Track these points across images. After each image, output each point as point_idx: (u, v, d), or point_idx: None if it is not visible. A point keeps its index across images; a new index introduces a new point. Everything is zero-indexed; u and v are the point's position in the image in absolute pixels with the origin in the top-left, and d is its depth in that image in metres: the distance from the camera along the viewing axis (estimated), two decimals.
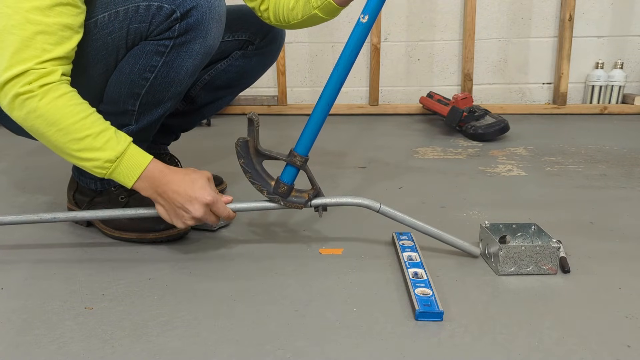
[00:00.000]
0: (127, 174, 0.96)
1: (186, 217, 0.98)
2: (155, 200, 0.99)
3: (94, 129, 0.92)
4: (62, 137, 0.91)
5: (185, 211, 0.97)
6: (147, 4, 0.96)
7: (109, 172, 0.94)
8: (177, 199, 0.97)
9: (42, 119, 0.90)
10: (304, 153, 1.02)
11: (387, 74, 2.62)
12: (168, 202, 0.98)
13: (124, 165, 0.95)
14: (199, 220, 0.99)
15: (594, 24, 2.53)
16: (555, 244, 0.97)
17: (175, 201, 0.97)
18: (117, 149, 0.94)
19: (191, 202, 0.97)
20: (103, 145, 0.93)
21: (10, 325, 0.84)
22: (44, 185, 1.51)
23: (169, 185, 0.97)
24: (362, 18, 0.98)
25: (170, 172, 0.98)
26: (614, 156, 1.79)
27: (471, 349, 0.77)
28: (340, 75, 1.00)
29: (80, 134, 0.91)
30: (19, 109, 0.90)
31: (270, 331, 0.82)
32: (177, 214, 0.98)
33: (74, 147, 0.92)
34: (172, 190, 0.97)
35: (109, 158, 0.93)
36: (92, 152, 0.92)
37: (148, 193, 0.98)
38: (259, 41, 1.31)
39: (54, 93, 0.89)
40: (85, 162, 0.94)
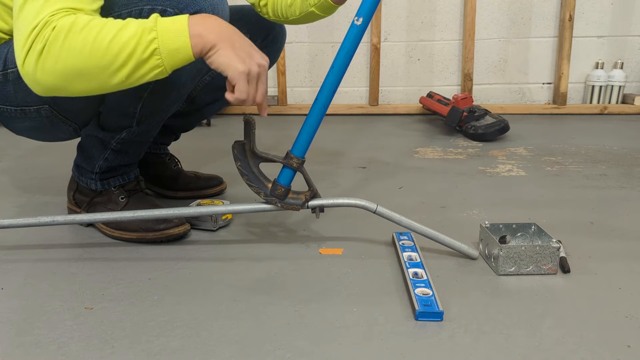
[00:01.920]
0: (176, 29, 0.84)
1: (253, 59, 0.88)
2: (218, 44, 0.86)
3: (121, 23, 0.83)
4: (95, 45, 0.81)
5: (251, 55, 0.88)
6: (150, 8, 0.96)
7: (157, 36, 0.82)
8: (241, 41, 0.88)
9: (70, 48, 0.81)
10: (300, 155, 1.03)
11: (387, 74, 2.62)
12: (232, 42, 0.87)
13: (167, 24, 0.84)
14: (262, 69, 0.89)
15: (594, 24, 2.54)
16: (555, 244, 0.97)
17: (239, 43, 0.88)
18: (149, 19, 0.84)
19: (255, 49, 0.90)
20: (136, 26, 0.83)
21: (10, 325, 0.84)
22: (44, 185, 1.51)
23: (228, 26, 0.88)
24: (356, 20, 0.98)
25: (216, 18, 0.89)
26: (614, 156, 1.79)
27: (471, 349, 0.77)
28: (336, 78, 1.00)
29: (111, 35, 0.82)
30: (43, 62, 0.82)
31: (270, 331, 0.82)
32: (242, 53, 0.87)
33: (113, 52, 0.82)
34: (234, 31, 0.88)
35: (148, 26, 0.83)
36: (132, 40, 0.82)
37: (214, 36, 0.85)
38: (260, 42, 1.31)
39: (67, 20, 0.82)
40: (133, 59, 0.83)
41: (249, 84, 0.88)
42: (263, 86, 0.91)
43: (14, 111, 1.08)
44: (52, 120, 1.09)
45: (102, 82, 0.85)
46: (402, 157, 1.82)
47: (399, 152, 1.88)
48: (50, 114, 1.08)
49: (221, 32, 0.87)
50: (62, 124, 1.11)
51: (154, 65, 0.84)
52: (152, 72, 0.85)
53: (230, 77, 0.88)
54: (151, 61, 0.84)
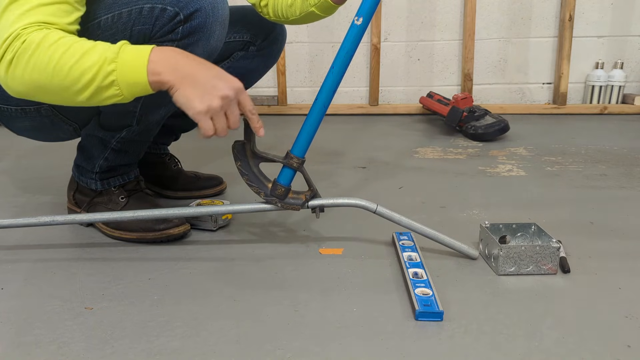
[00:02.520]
0: (135, 64, 0.84)
1: (212, 93, 0.86)
2: (175, 85, 0.86)
3: (86, 46, 0.84)
4: (58, 65, 0.83)
5: (213, 86, 0.87)
6: (150, 6, 0.96)
7: (117, 73, 0.83)
8: (203, 74, 0.87)
9: (35, 64, 0.83)
10: (300, 155, 1.03)
11: (387, 74, 2.62)
12: (191, 78, 0.86)
13: (129, 57, 0.84)
14: (225, 100, 0.88)
15: (594, 24, 2.53)
16: (555, 244, 0.97)
17: (200, 77, 0.87)
18: (113, 48, 0.85)
19: (220, 78, 0.88)
20: (99, 54, 0.84)
21: (10, 325, 0.84)
22: (44, 185, 1.51)
23: (190, 63, 0.87)
24: (356, 20, 0.98)
25: (184, 52, 0.89)
26: (614, 156, 1.79)
27: (471, 349, 0.77)
28: (336, 78, 1.00)
29: (75, 58, 0.83)
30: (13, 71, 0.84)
31: (270, 331, 0.82)
32: (203, 89, 0.86)
33: (74, 75, 0.83)
34: (197, 65, 0.88)
35: (107, 56, 0.83)
36: (93, 67, 0.83)
37: (170, 76, 0.85)
38: (260, 42, 1.31)
39: (37, 35, 0.83)
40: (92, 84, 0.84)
41: (214, 119, 0.89)
42: (233, 115, 0.90)
43: (15, 110, 1.08)
44: (52, 120, 1.09)
45: (65, 99, 0.88)
46: (402, 157, 1.82)
47: (399, 152, 1.88)
48: (50, 113, 1.08)
49: (180, 70, 0.86)
50: (63, 124, 1.11)
51: (113, 93, 0.86)
52: (113, 99, 0.87)
53: (192, 117, 0.88)
54: (110, 90, 0.85)
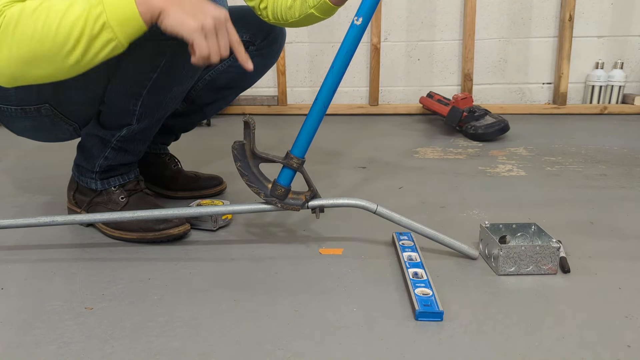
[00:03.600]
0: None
1: (205, 13, 0.84)
2: (166, 8, 0.83)
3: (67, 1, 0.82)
4: (44, 30, 0.80)
5: (203, 8, 0.85)
6: None
7: (104, 9, 0.81)
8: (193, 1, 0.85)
9: (21, 36, 0.80)
10: (300, 155, 1.03)
11: (387, 74, 2.62)
12: (182, 3, 0.84)
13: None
14: (217, 21, 0.85)
15: (594, 24, 2.54)
16: (555, 244, 0.97)
17: (191, 2, 0.85)
18: None
19: (207, 3, 0.86)
20: (84, 1, 0.81)
21: (10, 325, 0.84)
22: (44, 185, 1.51)
23: None
24: (356, 20, 0.98)
25: None
26: (614, 156, 1.79)
27: (471, 349, 0.77)
28: (336, 77, 1.00)
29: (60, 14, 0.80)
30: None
31: (270, 331, 0.82)
32: (194, 11, 0.84)
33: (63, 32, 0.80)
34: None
35: (91, 1, 0.81)
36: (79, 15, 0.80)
37: (154, 3, 0.83)
38: (259, 42, 1.31)
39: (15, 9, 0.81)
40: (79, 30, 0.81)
41: (207, 39, 0.85)
42: (224, 38, 0.86)
43: (15, 110, 1.08)
44: (52, 120, 1.09)
45: (57, 66, 0.84)
46: (402, 157, 1.82)
47: (399, 152, 1.88)
48: (50, 113, 1.08)
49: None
50: (63, 123, 1.12)
51: (106, 39, 0.82)
52: (107, 48, 0.83)
53: (185, 37, 0.84)
54: (103, 36, 0.82)
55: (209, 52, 0.86)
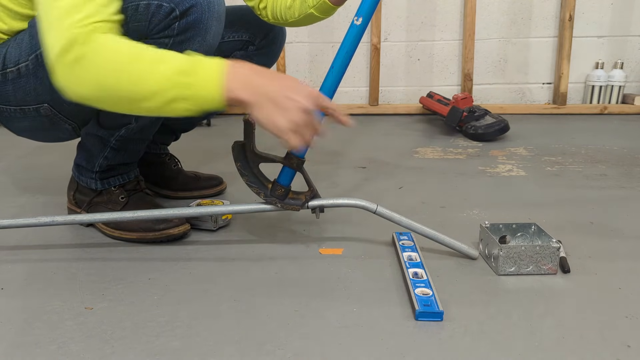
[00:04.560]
0: (210, 76, 0.82)
1: (292, 107, 0.84)
2: (251, 103, 0.84)
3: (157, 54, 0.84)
4: (129, 70, 0.82)
5: (291, 100, 0.84)
6: (146, 3, 0.96)
7: (192, 82, 0.82)
8: (277, 89, 0.85)
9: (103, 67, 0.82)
10: (300, 155, 1.03)
11: (387, 74, 2.62)
12: (267, 95, 0.84)
13: (204, 67, 0.83)
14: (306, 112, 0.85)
15: (594, 24, 2.53)
16: (555, 244, 0.97)
17: (275, 92, 0.84)
18: (187, 58, 0.83)
19: (297, 89, 0.85)
20: (172, 57, 0.83)
21: (10, 325, 0.84)
22: (44, 185, 1.51)
23: (265, 76, 0.86)
24: (355, 20, 0.98)
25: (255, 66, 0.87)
26: (614, 156, 1.79)
27: (471, 349, 0.77)
28: (336, 77, 1.00)
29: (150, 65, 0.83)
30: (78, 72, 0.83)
31: (270, 331, 0.82)
32: (282, 105, 0.84)
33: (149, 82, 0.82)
34: (271, 81, 0.86)
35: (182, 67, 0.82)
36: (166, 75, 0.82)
37: (245, 93, 0.83)
38: (259, 41, 1.31)
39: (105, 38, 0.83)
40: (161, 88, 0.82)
41: (299, 132, 0.86)
42: (314, 125, 0.87)
43: (14, 110, 1.08)
44: (51, 119, 1.09)
45: (128, 106, 0.86)
46: (402, 157, 1.82)
47: (399, 152, 1.88)
48: (49, 113, 1.08)
49: (255, 85, 0.85)
50: (62, 123, 1.11)
51: (184, 108, 0.84)
52: (181, 112, 0.85)
53: (277, 136, 0.86)
54: (182, 104, 0.84)
55: (303, 144, 0.88)
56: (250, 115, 0.99)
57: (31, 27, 1.02)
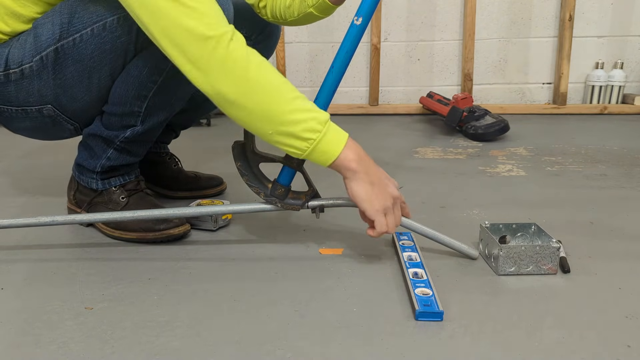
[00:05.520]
0: (336, 139, 0.92)
1: (386, 192, 0.95)
2: (357, 176, 0.94)
3: (298, 91, 0.92)
4: (274, 96, 0.89)
5: (386, 186, 0.96)
6: None
7: (320, 136, 0.90)
8: (379, 173, 0.96)
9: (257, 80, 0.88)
10: None
11: (387, 74, 2.62)
12: (371, 175, 0.95)
13: (333, 130, 0.92)
14: (395, 200, 0.97)
15: (594, 24, 2.54)
16: (555, 244, 0.97)
17: (377, 175, 0.95)
18: (324, 112, 0.92)
19: (388, 178, 0.97)
20: (312, 107, 0.91)
21: (10, 325, 0.84)
22: (44, 185, 1.51)
23: (369, 160, 0.96)
24: (355, 20, 0.98)
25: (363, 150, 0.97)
26: (614, 156, 1.79)
27: (471, 349, 0.77)
28: (336, 77, 1.00)
29: (292, 94, 0.90)
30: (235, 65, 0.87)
31: (270, 331, 0.82)
32: (380, 187, 0.95)
33: (286, 107, 0.89)
34: (373, 165, 0.96)
35: (321, 120, 0.90)
36: (305, 113, 0.90)
37: (354, 164, 0.93)
38: (256, 36, 1.31)
39: (257, 56, 0.90)
40: (294, 127, 0.89)
41: (387, 216, 0.96)
42: (398, 212, 0.98)
43: (15, 111, 1.08)
44: (54, 120, 1.09)
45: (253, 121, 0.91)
46: (402, 157, 1.82)
47: (399, 152, 1.88)
48: (52, 114, 1.08)
49: (365, 162, 0.94)
50: (65, 123, 1.11)
51: (297, 146, 0.91)
52: (290, 148, 0.92)
53: (368, 214, 0.96)
54: (300, 143, 0.90)
55: (387, 229, 0.96)
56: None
57: (35, 28, 1.02)
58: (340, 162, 0.93)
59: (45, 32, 1.00)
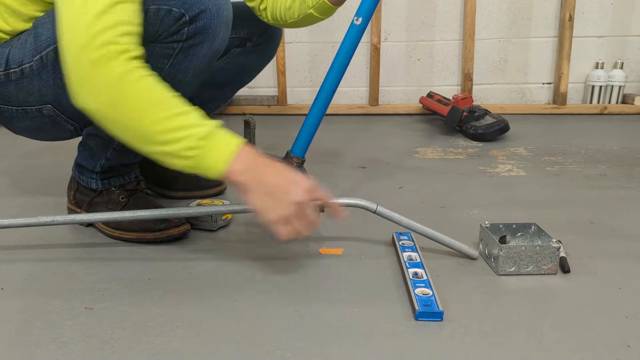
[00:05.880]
0: (219, 154, 0.86)
1: (284, 201, 0.88)
2: (248, 188, 0.88)
3: (181, 108, 0.86)
4: (146, 117, 0.84)
5: (287, 193, 0.88)
6: (156, 8, 0.96)
7: (200, 152, 0.85)
8: (277, 181, 0.89)
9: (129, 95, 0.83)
10: (300, 154, 1.03)
11: (387, 74, 2.62)
12: (265, 185, 0.88)
13: (216, 144, 0.86)
14: (298, 206, 0.88)
15: (594, 24, 2.53)
16: (555, 244, 0.97)
17: (274, 185, 0.88)
18: (209, 126, 0.86)
19: (294, 183, 0.89)
20: (193, 124, 0.85)
21: (10, 325, 0.84)
22: (44, 185, 1.51)
23: (266, 168, 0.89)
24: (355, 20, 0.98)
25: (263, 157, 0.91)
26: (614, 156, 1.79)
27: (471, 349, 0.77)
28: (336, 77, 1.01)
29: (168, 112, 0.85)
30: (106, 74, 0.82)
31: (270, 331, 0.82)
32: (277, 197, 0.88)
33: (159, 127, 0.84)
34: (271, 172, 0.89)
35: (200, 135, 0.85)
36: (181, 131, 0.84)
37: (243, 177, 0.87)
38: (257, 38, 1.31)
39: (139, 71, 0.84)
40: (170, 146, 0.85)
41: (289, 224, 0.89)
42: (306, 218, 0.90)
43: (15, 111, 1.08)
44: (54, 120, 1.09)
45: (131, 137, 0.88)
46: (402, 157, 1.82)
47: (399, 152, 1.88)
48: (52, 114, 1.08)
49: (257, 172, 0.88)
50: (65, 124, 1.11)
51: (183, 164, 0.87)
52: (177, 166, 0.87)
53: (267, 225, 0.90)
54: (183, 161, 0.86)
55: (294, 235, 0.90)
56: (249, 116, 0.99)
57: (36, 27, 1.02)
58: (228, 176, 0.87)
59: (46, 32, 1.00)
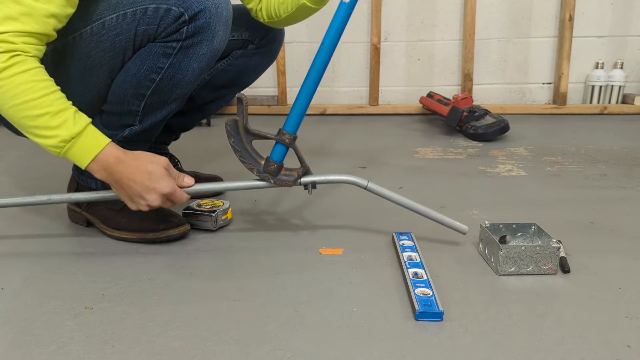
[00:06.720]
0: (80, 155, 0.95)
1: (142, 204, 0.99)
2: (110, 184, 1.00)
3: (53, 107, 0.92)
4: (18, 112, 0.91)
5: (142, 199, 0.98)
6: (155, 7, 0.96)
7: (63, 151, 0.95)
8: (133, 187, 0.97)
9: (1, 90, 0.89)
10: (292, 131, 1.04)
11: (387, 74, 2.62)
12: (124, 188, 0.98)
13: (78, 147, 0.94)
14: (153, 206, 1.00)
15: (594, 24, 2.53)
16: (555, 244, 0.97)
17: (131, 189, 0.98)
18: (73, 130, 0.93)
19: (148, 191, 0.98)
20: (59, 125, 0.92)
21: (10, 325, 0.84)
22: (44, 185, 1.51)
23: (123, 173, 0.97)
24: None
25: (126, 159, 0.97)
26: (614, 156, 1.79)
27: (471, 349, 0.77)
28: (326, 54, 1.03)
29: (38, 111, 0.91)
30: None
31: (270, 331, 0.82)
32: (133, 200, 0.99)
33: (30, 123, 0.92)
34: (128, 178, 0.97)
35: (63, 138, 0.93)
36: (48, 131, 0.92)
37: (103, 176, 0.97)
38: (258, 40, 1.31)
39: (19, 67, 0.89)
40: (40, 140, 0.94)
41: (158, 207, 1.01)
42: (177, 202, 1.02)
43: None
44: None
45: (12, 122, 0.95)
46: (402, 157, 1.82)
47: (399, 152, 1.88)
48: None
49: (114, 173, 0.97)
50: None
51: (52, 151, 0.96)
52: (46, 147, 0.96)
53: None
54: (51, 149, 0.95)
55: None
56: (242, 94, 1.02)
57: None
58: (89, 170, 0.97)
59: None
